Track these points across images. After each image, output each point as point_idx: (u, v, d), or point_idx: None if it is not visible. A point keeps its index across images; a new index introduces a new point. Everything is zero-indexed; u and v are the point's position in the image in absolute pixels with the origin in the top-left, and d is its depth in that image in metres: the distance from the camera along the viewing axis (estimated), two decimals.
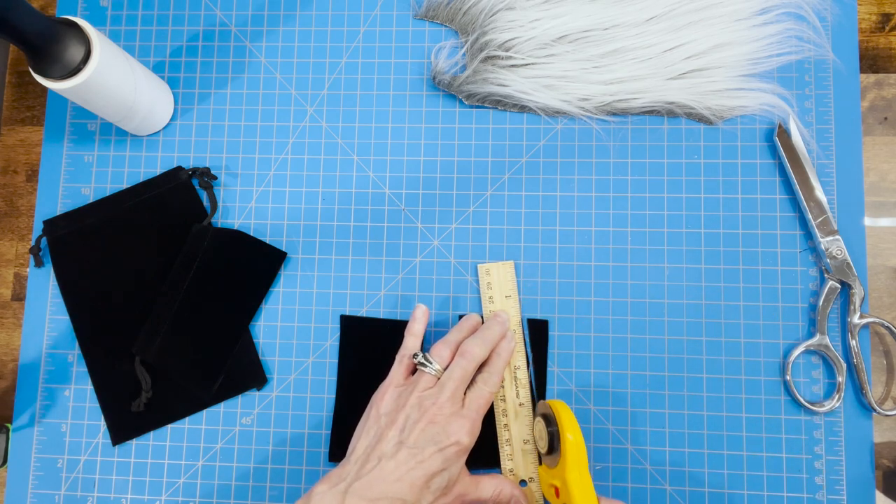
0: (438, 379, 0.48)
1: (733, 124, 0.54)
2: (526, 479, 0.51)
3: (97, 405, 0.54)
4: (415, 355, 0.49)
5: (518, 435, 0.51)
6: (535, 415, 0.50)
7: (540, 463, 0.51)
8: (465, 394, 0.48)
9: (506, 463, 0.51)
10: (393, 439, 0.45)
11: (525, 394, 0.52)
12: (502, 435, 0.51)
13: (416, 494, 0.44)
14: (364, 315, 0.54)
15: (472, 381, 0.49)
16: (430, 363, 0.48)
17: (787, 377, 0.51)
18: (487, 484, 0.48)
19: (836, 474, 0.50)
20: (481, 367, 0.49)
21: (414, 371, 0.50)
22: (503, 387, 0.52)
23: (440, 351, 0.49)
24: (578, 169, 0.55)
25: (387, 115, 0.56)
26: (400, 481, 0.43)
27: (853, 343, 0.50)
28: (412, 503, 0.44)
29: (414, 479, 0.44)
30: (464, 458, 0.46)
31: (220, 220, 0.56)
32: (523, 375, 0.52)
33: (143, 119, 0.55)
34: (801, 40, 0.54)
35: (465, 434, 0.45)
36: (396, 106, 0.57)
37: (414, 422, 0.46)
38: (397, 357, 0.50)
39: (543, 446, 0.48)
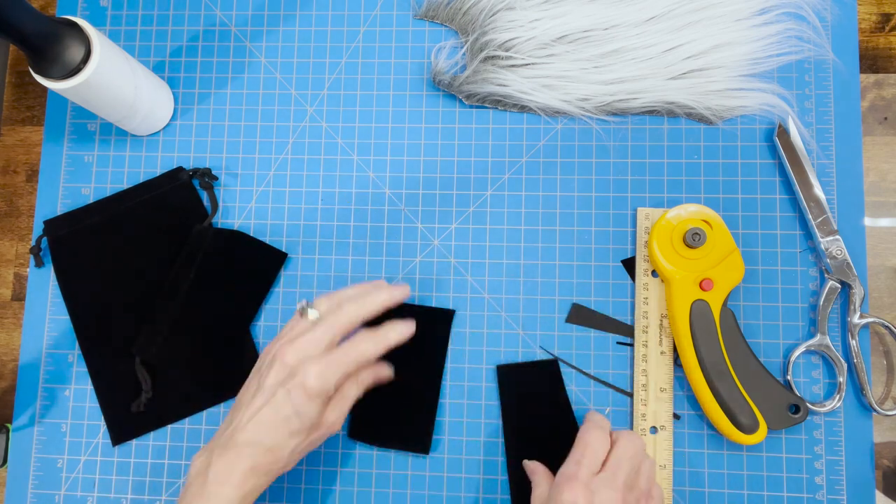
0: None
1: (733, 124, 0.54)
2: (658, 426, 0.50)
3: (97, 405, 0.54)
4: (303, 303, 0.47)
5: (655, 382, 0.51)
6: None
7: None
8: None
9: (639, 407, 0.51)
10: (253, 385, 0.45)
11: (668, 343, 0.51)
12: (639, 379, 0.51)
13: (275, 438, 0.43)
14: None
15: (357, 336, 0.47)
16: (309, 309, 0.46)
17: (788, 377, 0.51)
18: (350, 389, 0.47)
19: (836, 474, 0.50)
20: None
21: None
22: (646, 332, 0.51)
23: (322, 301, 0.47)
24: (578, 169, 0.55)
25: (387, 115, 0.56)
26: (258, 425, 0.43)
27: (853, 343, 0.50)
28: (274, 446, 0.43)
29: (269, 422, 0.43)
30: (316, 403, 0.44)
31: (220, 220, 0.56)
32: (668, 324, 0.52)
33: (143, 119, 0.55)
34: (801, 40, 0.54)
35: (313, 376, 0.43)
36: (396, 106, 0.57)
37: (270, 364, 0.44)
38: None
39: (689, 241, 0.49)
